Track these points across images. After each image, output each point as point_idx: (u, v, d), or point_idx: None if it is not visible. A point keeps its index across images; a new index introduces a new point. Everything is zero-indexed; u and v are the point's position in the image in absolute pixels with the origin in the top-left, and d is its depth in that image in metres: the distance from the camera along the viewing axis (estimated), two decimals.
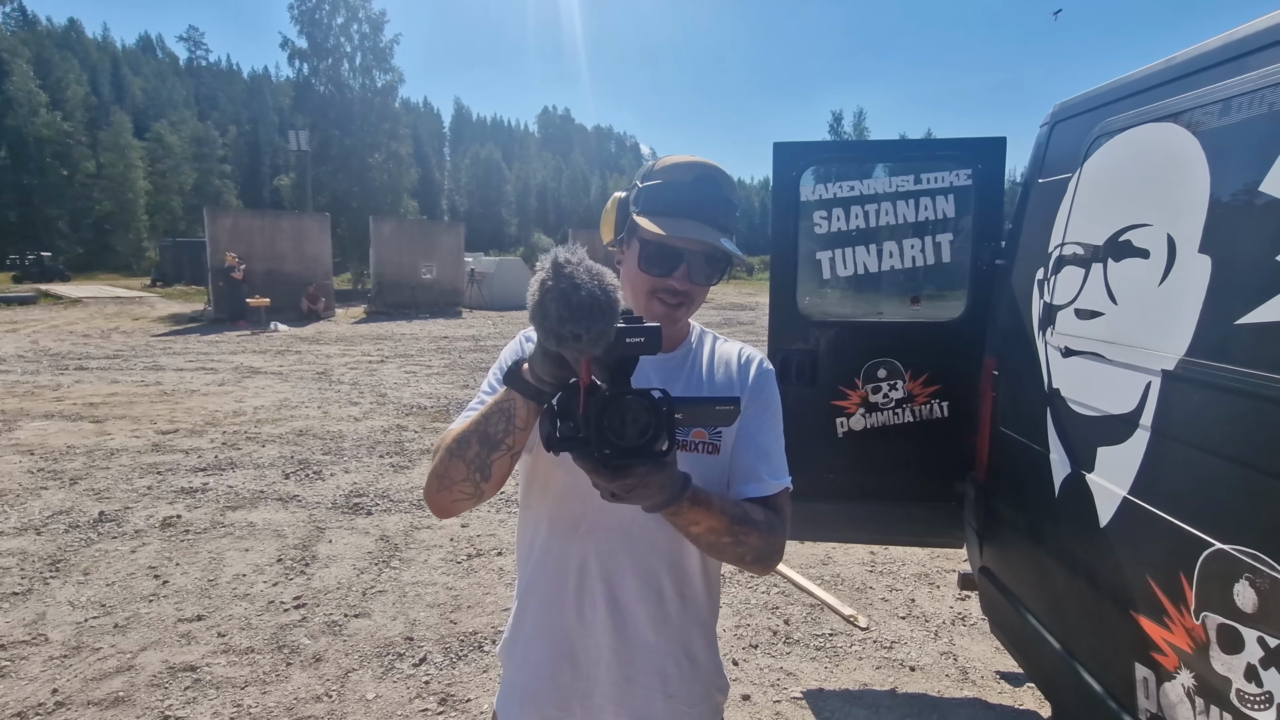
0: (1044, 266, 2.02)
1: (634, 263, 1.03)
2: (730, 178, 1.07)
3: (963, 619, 3.23)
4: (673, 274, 1.01)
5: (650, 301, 1.03)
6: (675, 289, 1.01)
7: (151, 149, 50.07)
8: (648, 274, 1.02)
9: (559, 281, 0.72)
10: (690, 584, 1.10)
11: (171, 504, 4.53)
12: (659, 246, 1.00)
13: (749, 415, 1.10)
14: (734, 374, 1.11)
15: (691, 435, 1.03)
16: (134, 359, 10.48)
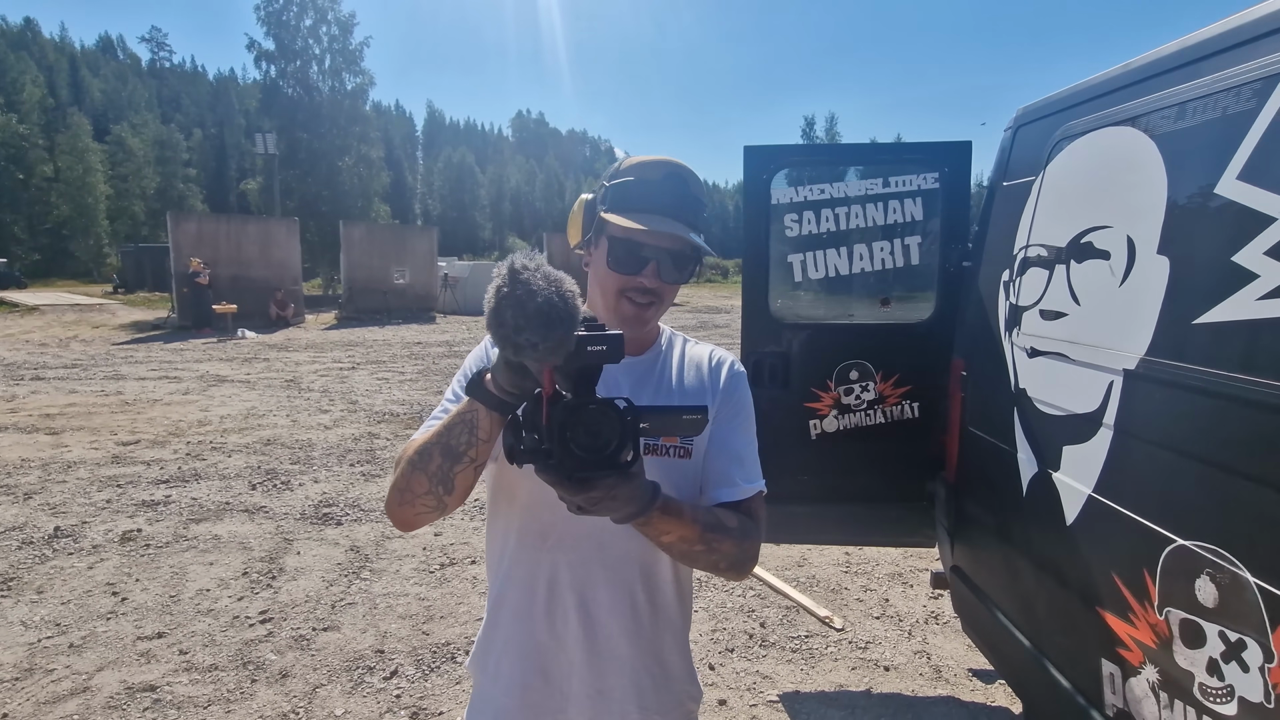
0: (1009, 268, 2.05)
1: (602, 262, 1.02)
2: (698, 177, 1.06)
3: (935, 617, 3.26)
4: (642, 272, 0.99)
5: (620, 301, 1.01)
6: (645, 287, 1.00)
7: (112, 152, 48.72)
8: (616, 273, 1.00)
9: (515, 288, 0.70)
10: (662, 592, 1.09)
11: (132, 518, 4.38)
12: (627, 244, 0.99)
13: (721, 419, 1.09)
14: (705, 376, 1.10)
15: (662, 440, 1.02)
16: (93, 368, 10.16)
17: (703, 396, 1.08)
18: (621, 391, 1.04)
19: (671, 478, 1.00)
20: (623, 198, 1.01)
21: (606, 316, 1.03)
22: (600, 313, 1.04)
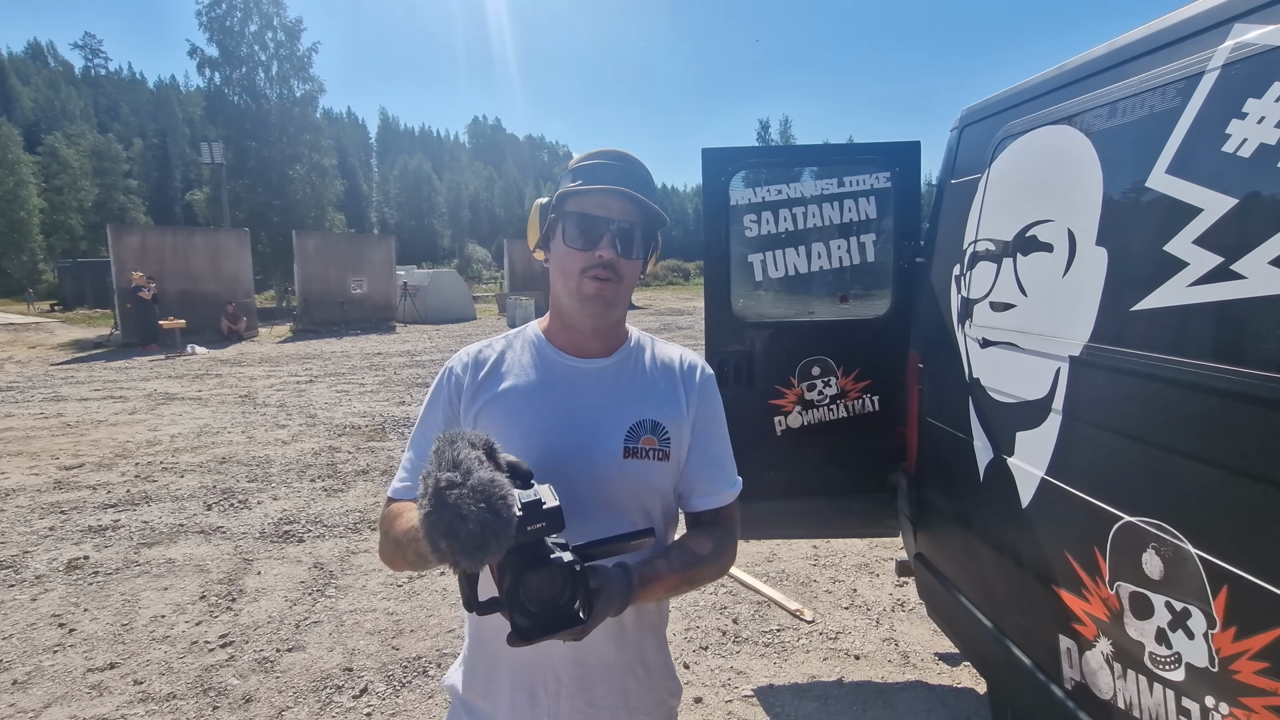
0: (960, 263, 2.12)
1: (561, 244, 1.04)
2: (646, 167, 1.09)
3: (901, 605, 3.34)
4: (599, 245, 1.01)
5: (581, 281, 1.02)
6: (603, 260, 1.01)
7: (45, 164, 46.48)
8: (574, 249, 1.02)
9: (444, 514, 0.67)
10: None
11: (78, 544, 4.19)
12: (582, 219, 1.02)
13: (701, 426, 1.12)
14: (678, 380, 1.12)
15: (643, 442, 1.04)
16: (30, 390, 9.68)
17: (675, 401, 1.09)
18: (592, 397, 1.06)
19: (649, 477, 1.05)
20: (575, 178, 1.04)
21: (570, 306, 1.05)
22: (563, 303, 1.07)
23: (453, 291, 22.01)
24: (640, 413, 1.06)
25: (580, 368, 1.08)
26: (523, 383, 1.06)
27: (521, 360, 1.10)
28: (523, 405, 1.05)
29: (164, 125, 67.55)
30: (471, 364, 1.10)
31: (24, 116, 57.80)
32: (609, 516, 1.01)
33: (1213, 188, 1.26)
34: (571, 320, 1.07)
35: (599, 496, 1.01)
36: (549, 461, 0.99)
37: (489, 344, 1.13)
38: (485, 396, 1.06)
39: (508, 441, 0.96)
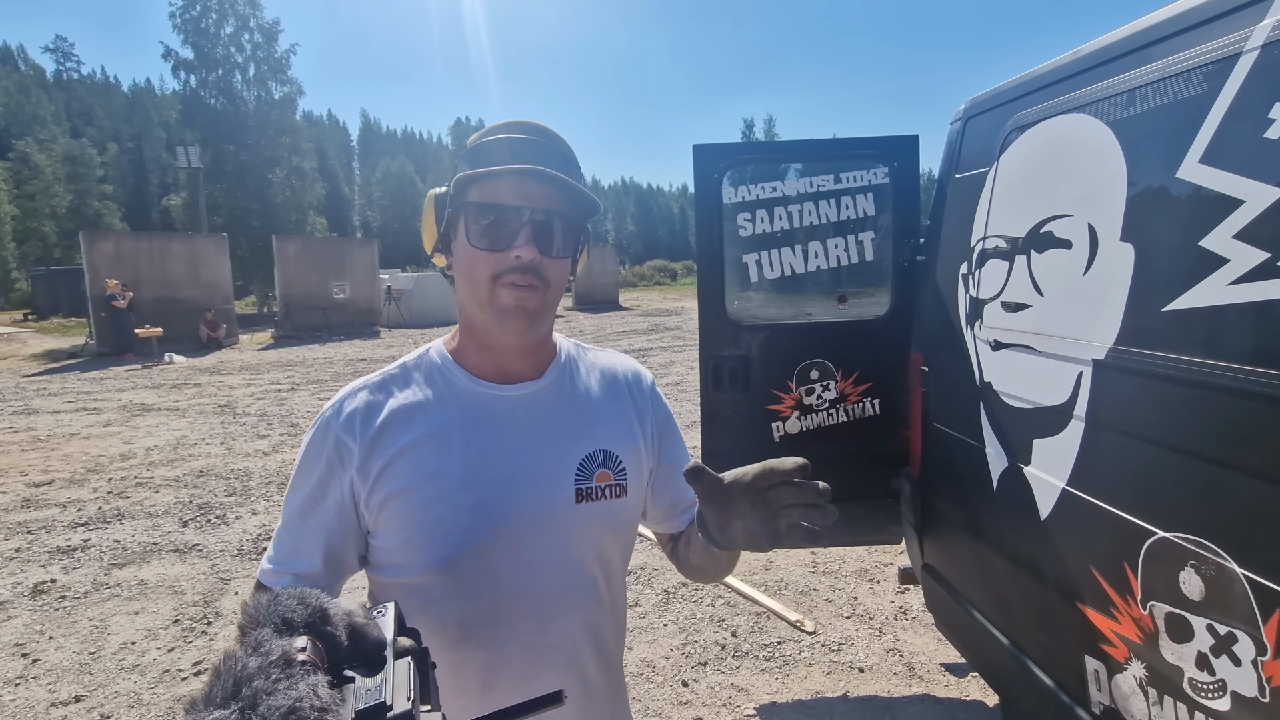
0: (967, 261, 2.03)
1: (465, 245, 0.82)
2: (563, 138, 0.89)
3: (904, 612, 3.25)
4: (514, 244, 0.80)
5: (495, 291, 0.81)
6: (521, 263, 0.80)
7: (16, 170, 45.47)
8: (482, 249, 0.81)
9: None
10: (610, 654, 0.95)
11: (45, 567, 4.00)
12: (489, 210, 0.80)
13: (667, 443, 1.01)
14: (626, 394, 0.99)
15: (596, 479, 0.89)
16: (0, 403, 9.37)
17: (627, 421, 0.95)
18: (527, 432, 0.87)
19: (609, 520, 0.91)
20: (474, 163, 0.83)
21: (483, 321, 0.84)
22: (475, 319, 0.86)
23: (438, 295, 21.73)
24: (589, 443, 0.90)
25: (507, 396, 0.88)
26: (435, 426, 0.84)
27: (428, 396, 0.86)
28: (439, 457, 0.82)
29: (139, 129, 66.45)
30: (359, 414, 0.84)
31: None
32: (561, 575, 0.87)
33: (1255, 178, 1.16)
34: (489, 339, 0.87)
35: (548, 555, 0.86)
36: (483, 524, 0.82)
37: (379, 381, 0.88)
38: (385, 455, 0.82)
39: (424, 509, 0.81)
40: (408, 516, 0.82)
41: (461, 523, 0.81)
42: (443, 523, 0.81)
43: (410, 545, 0.82)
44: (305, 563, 0.83)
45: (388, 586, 0.85)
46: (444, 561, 0.81)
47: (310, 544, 0.83)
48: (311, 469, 0.84)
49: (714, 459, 2.81)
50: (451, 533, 0.81)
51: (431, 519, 0.81)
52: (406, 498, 0.82)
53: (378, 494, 0.82)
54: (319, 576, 0.83)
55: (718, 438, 2.80)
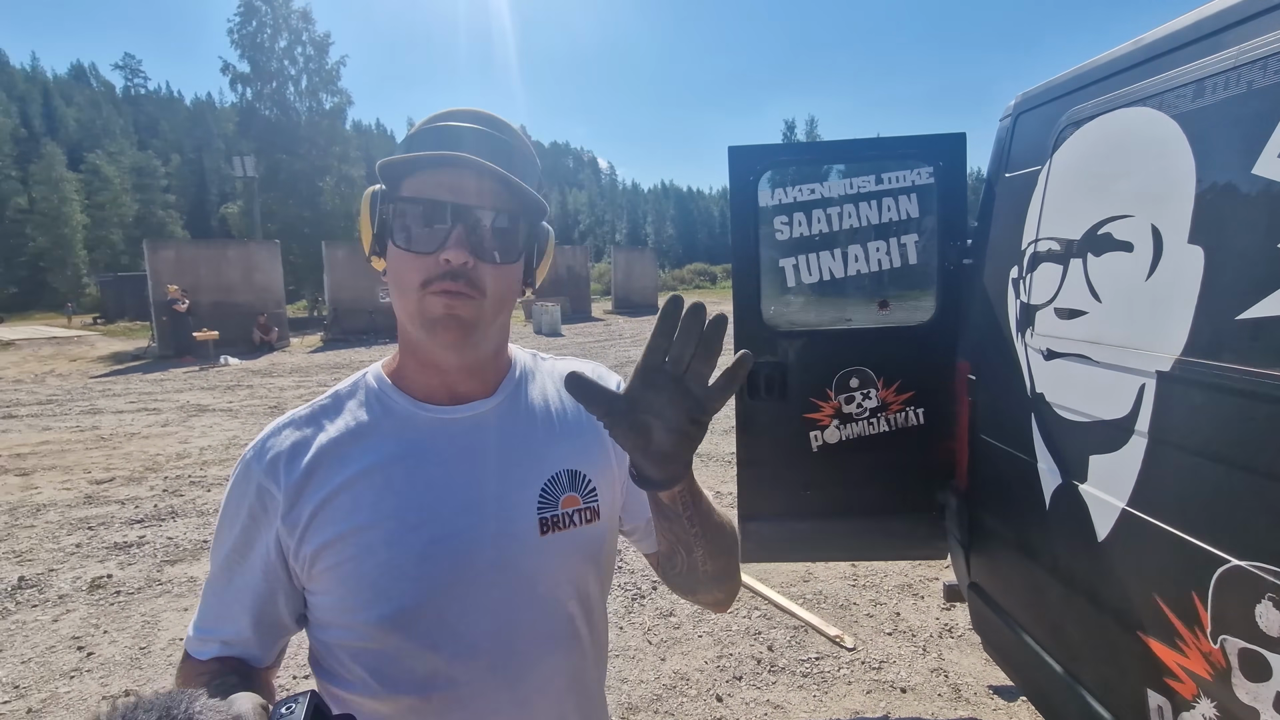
0: (1017, 265, 1.92)
1: (393, 251, 0.73)
2: (515, 129, 0.79)
3: (949, 630, 3.12)
4: (445, 244, 0.69)
5: (424, 300, 0.71)
6: (451, 267, 0.69)
7: (88, 181, 48.13)
8: (409, 251, 0.71)
9: None
10: (593, 698, 0.87)
11: (102, 562, 4.17)
12: (417, 206, 0.71)
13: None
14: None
15: (562, 504, 0.79)
16: (69, 403, 9.88)
17: (594, 432, 0.85)
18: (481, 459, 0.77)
19: (580, 548, 0.81)
20: (408, 148, 0.74)
21: (416, 335, 0.74)
22: (409, 333, 0.76)
23: None
24: (551, 464, 0.80)
25: (455, 419, 0.77)
26: (372, 461, 0.73)
27: (364, 425, 0.76)
28: (378, 495, 0.72)
29: (200, 140, 69.56)
30: (284, 455, 0.74)
31: (68, 136, 60.01)
32: (532, 619, 0.77)
33: None
34: (430, 357, 0.76)
35: (515, 598, 0.76)
36: (436, 570, 0.72)
37: (308, 414, 0.78)
38: (314, 499, 0.72)
39: (364, 558, 0.70)
40: (346, 568, 0.71)
41: (409, 570, 0.71)
42: (388, 572, 0.71)
43: (352, 601, 0.71)
44: (231, 628, 0.74)
45: (332, 649, 0.75)
46: (393, 617, 0.71)
47: (236, 607, 0.74)
48: (233, 521, 0.75)
49: (750, 469, 2.74)
50: (399, 582, 0.70)
51: (374, 569, 0.71)
52: (342, 546, 0.71)
53: (308, 545, 0.72)
54: (249, 642, 0.75)
55: (753, 447, 2.73)
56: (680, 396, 0.61)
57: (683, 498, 0.71)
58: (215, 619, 0.75)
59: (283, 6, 28.61)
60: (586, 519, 0.81)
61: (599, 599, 0.86)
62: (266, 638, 0.76)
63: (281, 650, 0.80)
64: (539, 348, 8.26)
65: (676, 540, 0.77)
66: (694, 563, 0.79)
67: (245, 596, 0.74)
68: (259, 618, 0.75)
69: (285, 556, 0.74)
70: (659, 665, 2.93)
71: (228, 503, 0.76)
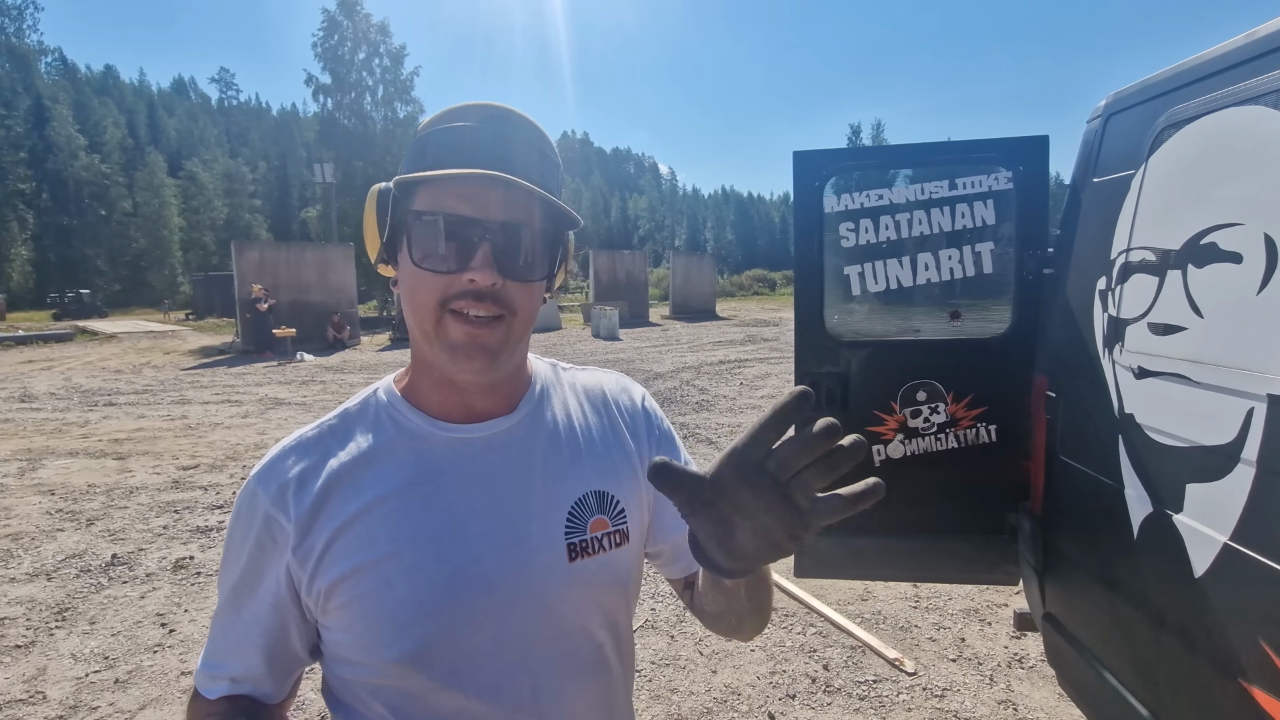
0: (1106, 275, 1.80)
1: (408, 266, 0.67)
2: (540, 128, 0.72)
3: (1020, 660, 2.94)
4: (470, 264, 0.64)
5: (444, 322, 0.66)
6: (477, 288, 0.64)
7: (185, 187, 51.78)
8: (429, 270, 0.65)
9: None
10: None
11: (185, 544, 4.43)
12: (437, 223, 0.65)
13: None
14: (616, 414, 0.83)
15: (590, 528, 0.74)
16: (162, 393, 10.59)
17: (621, 448, 0.80)
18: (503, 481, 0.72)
19: (610, 575, 0.76)
20: (421, 158, 0.68)
21: (434, 357, 0.69)
22: (423, 350, 0.71)
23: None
24: (578, 484, 0.75)
25: (474, 438, 0.72)
26: (388, 487, 0.69)
27: (376, 448, 0.71)
28: (395, 525, 0.68)
29: (284, 149, 73.59)
30: (292, 482, 0.69)
31: (169, 145, 64.60)
32: (560, 651, 0.73)
33: None
34: (446, 374, 0.71)
35: (543, 629, 0.71)
36: (459, 603, 0.68)
37: (315, 436, 0.73)
38: (326, 531, 0.68)
39: (383, 592, 0.67)
40: (364, 604, 0.67)
41: (430, 604, 0.67)
42: (408, 606, 0.66)
43: (370, 638, 0.67)
44: (240, 665, 0.72)
45: (349, 684, 0.72)
46: (414, 654, 0.67)
47: (245, 642, 0.71)
48: (239, 550, 0.71)
49: None
50: (420, 617, 0.67)
51: (393, 604, 0.67)
52: (359, 580, 0.67)
53: (322, 579, 0.68)
54: (260, 679, 0.72)
55: None
56: (780, 504, 0.51)
57: (748, 583, 0.66)
58: (223, 654, 0.73)
59: (363, 21, 30.01)
60: (616, 543, 0.76)
61: (627, 625, 0.82)
62: (278, 673, 0.73)
63: (295, 682, 0.77)
64: (596, 352, 8.40)
65: (729, 611, 0.73)
66: (740, 626, 0.77)
67: (254, 631, 0.71)
68: (270, 653, 0.72)
69: (297, 590, 0.70)
70: (710, 678, 2.88)
71: (233, 530, 0.72)
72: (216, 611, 0.74)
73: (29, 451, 6.89)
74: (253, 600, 0.70)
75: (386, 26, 30.70)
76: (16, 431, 7.81)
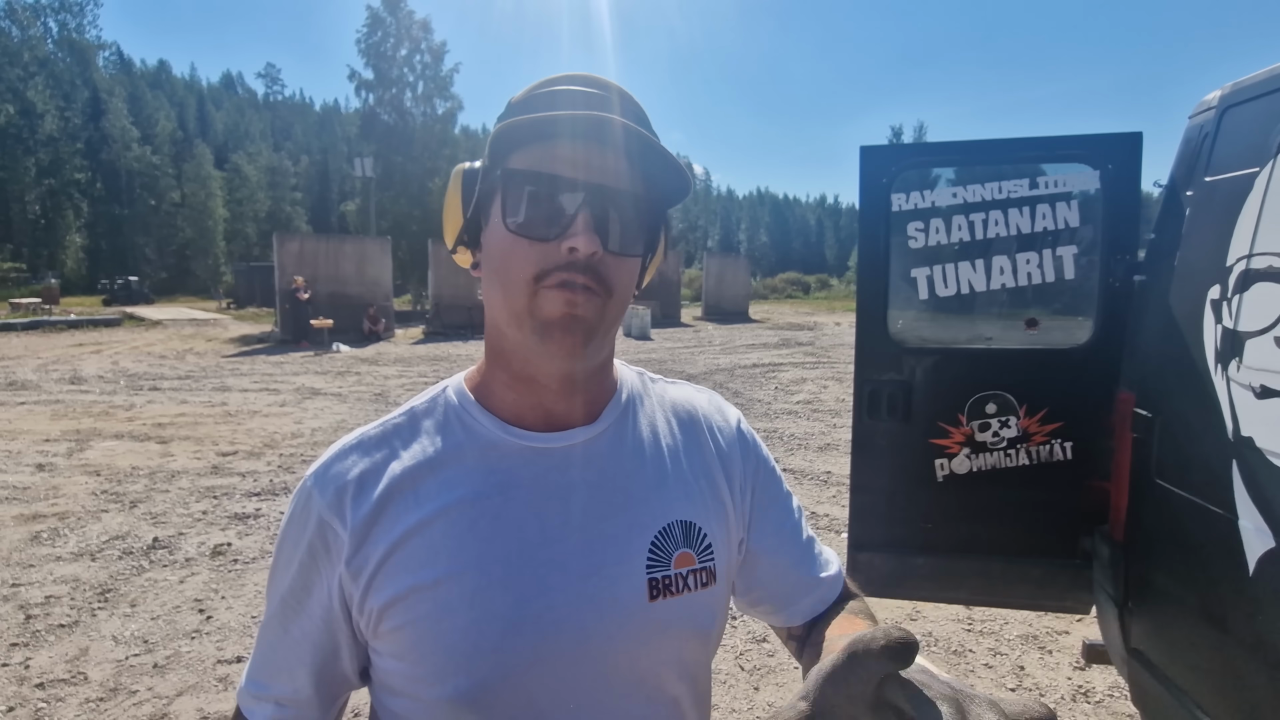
0: (1220, 284, 1.64)
1: (499, 232, 0.60)
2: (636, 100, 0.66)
3: (1085, 694, 2.76)
4: (568, 231, 0.57)
5: (539, 297, 0.58)
6: (578, 258, 0.57)
7: (230, 179, 53.31)
8: (525, 238, 0.58)
9: None
10: None
11: (224, 530, 4.46)
12: (529, 180, 0.58)
13: (766, 501, 0.75)
14: (709, 436, 0.74)
15: (675, 563, 0.65)
16: (204, 379, 10.82)
17: (710, 478, 0.71)
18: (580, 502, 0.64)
19: (692, 619, 0.67)
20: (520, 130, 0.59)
21: (519, 341, 0.61)
22: (508, 338, 0.63)
23: None
24: (664, 513, 0.66)
25: (552, 450, 0.65)
26: (453, 498, 0.62)
27: (443, 453, 0.64)
28: (459, 542, 0.61)
29: (326, 143, 75.25)
30: (351, 486, 0.62)
31: (216, 138, 66.56)
32: (633, 703, 0.64)
33: None
34: (526, 368, 0.63)
35: (615, 676, 0.63)
36: (524, 638, 0.60)
37: (379, 435, 0.66)
38: (384, 543, 0.61)
39: (441, 619, 0.59)
40: (419, 629, 0.60)
41: (493, 638, 0.59)
42: (468, 638, 0.59)
43: (423, 670, 0.60)
44: (288, 685, 0.65)
45: (395, 716, 0.65)
46: (470, 694, 0.59)
47: (293, 660, 0.65)
48: (290, 557, 0.64)
49: (864, 495, 2.54)
50: (480, 651, 0.59)
51: (452, 633, 0.59)
52: (416, 602, 0.59)
53: (375, 597, 0.60)
54: (307, 702, 0.65)
55: (869, 471, 2.53)
56: None
57: None
58: (270, 672, 0.66)
59: (406, 17, 30.40)
60: (702, 583, 0.66)
61: (707, 681, 0.72)
62: (326, 697, 0.66)
63: (342, 708, 0.71)
64: (627, 351, 8.27)
65: None
66: None
67: (304, 648, 0.64)
68: (319, 674, 0.65)
69: (349, 606, 0.62)
70: (752, 695, 2.76)
71: (285, 534, 0.65)
72: (264, 622, 0.67)
73: (77, 432, 7.06)
74: (302, 614, 0.64)
75: (428, 23, 31.05)
76: (67, 413, 8.03)
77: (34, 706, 2.62)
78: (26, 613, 3.32)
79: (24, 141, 43.85)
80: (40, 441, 6.66)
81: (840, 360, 13.28)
